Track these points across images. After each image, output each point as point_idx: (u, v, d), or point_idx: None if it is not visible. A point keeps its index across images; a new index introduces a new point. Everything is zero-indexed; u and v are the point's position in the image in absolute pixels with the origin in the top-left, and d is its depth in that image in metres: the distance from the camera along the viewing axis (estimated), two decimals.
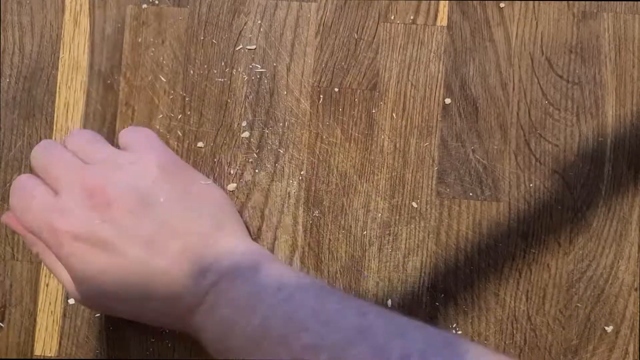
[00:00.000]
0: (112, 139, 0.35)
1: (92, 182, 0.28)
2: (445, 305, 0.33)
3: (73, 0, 0.35)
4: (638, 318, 0.33)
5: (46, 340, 0.34)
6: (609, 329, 0.33)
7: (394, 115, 0.34)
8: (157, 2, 0.35)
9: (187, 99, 0.35)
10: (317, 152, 0.34)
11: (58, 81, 0.35)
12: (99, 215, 0.28)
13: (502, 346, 0.33)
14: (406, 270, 0.33)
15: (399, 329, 0.24)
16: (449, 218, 0.34)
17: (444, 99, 0.34)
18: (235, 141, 0.34)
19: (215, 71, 0.35)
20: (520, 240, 0.33)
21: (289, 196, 0.34)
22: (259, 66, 0.34)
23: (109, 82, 0.35)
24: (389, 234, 0.34)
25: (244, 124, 0.34)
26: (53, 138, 0.35)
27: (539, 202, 0.34)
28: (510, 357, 0.27)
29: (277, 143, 0.34)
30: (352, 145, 0.34)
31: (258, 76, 0.35)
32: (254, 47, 0.35)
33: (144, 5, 0.35)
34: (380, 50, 0.35)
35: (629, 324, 0.33)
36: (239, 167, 0.34)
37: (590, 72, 0.34)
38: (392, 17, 0.35)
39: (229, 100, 0.35)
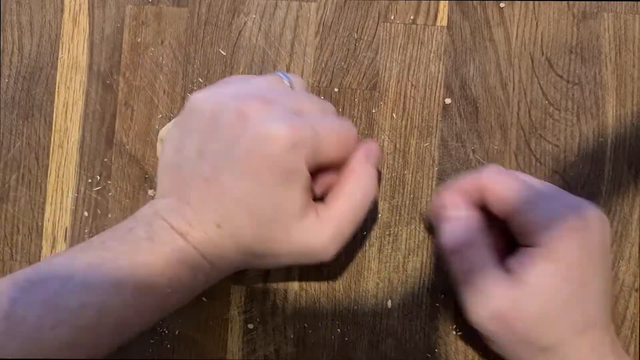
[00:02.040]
0: (111, 139, 0.35)
1: None
2: (445, 306, 0.33)
3: (72, 0, 0.35)
4: (638, 319, 0.33)
5: None
6: None
7: (394, 115, 0.34)
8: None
9: (186, 99, 0.35)
10: None
11: (57, 81, 0.35)
12: None
13: None
14: (406, 271, 0.33)
15: None
16: None
17: (444, 99, 0.34)
18: None
19: (214, 71, 0.35)
20: None
21: None
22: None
23: (108, 82, 0.35)
24: (389, 235, 0.33)
25: None
26: (52, 139, 0.35)
27: None
28: None
29: None
30: None
31: None
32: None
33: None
34: (380, 50, 0.35)
35: (629, 324, 0.33)
36: None
37: (591, 72, 0.34)
38: (392, 17, 0.35)
39: None
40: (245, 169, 0.26)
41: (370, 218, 0.34)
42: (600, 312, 0.28)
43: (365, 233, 0.33)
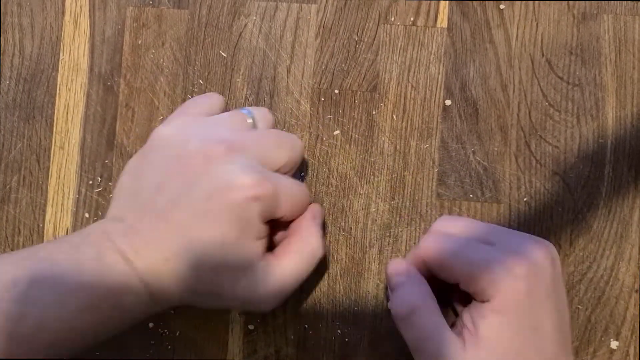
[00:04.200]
0: (112, 140, 0.35)
1: None
2: (446, 307, 0.33)
3: (73, 2, 0.35)
4: (638, 320, 0.33)
5: None
6: (614, 345, 0.33)
7: (394, 116, 0.34)
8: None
9: (187, 100, 0.35)
10: (317, 154, 0.34)
11: (58, 83, 0.35)
12: None
13: None
14: None
15: None
16: None
17: (444, 100, 0.34)
18: None
19: (215, 73, 0.35)
20: None
21: None
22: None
23: (109, 84, 0.35)
24: (390, 236, 0.34)
25: None
26: (53, 141, 0.35)
27: (539, 203, 0.34)
28: None
29: None
30: (352, 147, 0.34)
31: (258, 78, 0.35)
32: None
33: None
34: (380, 51, 0.35)
35: (629, 326, 0.33)
36: None
37: (591, 74, 0.34)
38: (392, 19, 0.35)
39: (229, 102, 0.35)
40: (204, 211, 0.26)
41: (370, 219, 0.34)
42: (558, 348, 0.27)
43: (365, 235, 0.33)
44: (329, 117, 0.34)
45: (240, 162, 0.27)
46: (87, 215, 0.34)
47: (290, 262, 0.28)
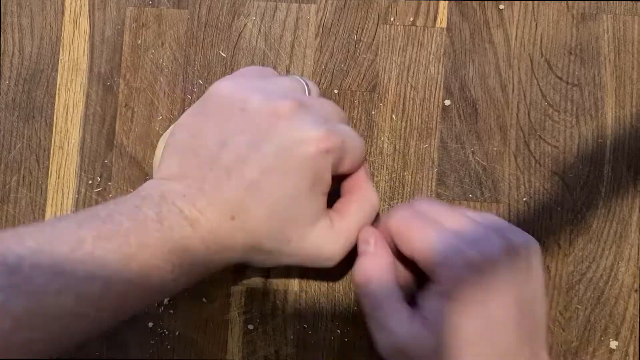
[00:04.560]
0: (112, 140, 0.35)
1: None
2: None
3: (73, 2, 0.35)
4: (638, 320, 0.33)
5: None
6: (613, 345, 0.33)
7: (393, 116, 0.34)
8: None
9: (186, 100, 0.35)
10: None
11: (58, 83, 0.35)
12: None
13: None
14: None
15: None
16: None
17: (443, 100, 0.34)
18: None
19: (214, 73, 0.35)
20: None
21: None
22: None
23: (108, 84, 0.35)
24: None
25: None
26: (52, 141, 0.35)
27: (538, 203, 0.34)
28: None
29: None
30: None
31: None
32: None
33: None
34: (379, 52, 0.35)
35: (628, 325, 0.33)
36: None
37: (590, 74, 0.34)
38: (392, 19, 0.35)
39: None
40: (274, 167, 0.26)
41: None
42: (516, 342, 0.26)
43: None
44: None
45: (308, 118, 0.27)
46: None
47: (353, 219, 0.29)
